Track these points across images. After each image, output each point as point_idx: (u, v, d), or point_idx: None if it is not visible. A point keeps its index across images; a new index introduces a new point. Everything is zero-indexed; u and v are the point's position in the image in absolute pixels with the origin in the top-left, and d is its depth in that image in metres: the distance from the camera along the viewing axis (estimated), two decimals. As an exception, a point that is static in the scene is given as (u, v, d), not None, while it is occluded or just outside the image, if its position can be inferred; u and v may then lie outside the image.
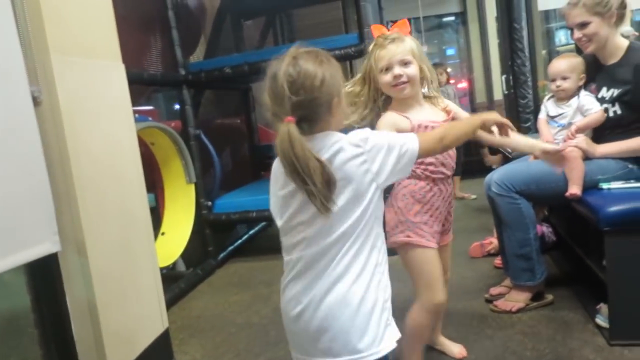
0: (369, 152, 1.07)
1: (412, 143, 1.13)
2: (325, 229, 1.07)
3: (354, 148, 1.06)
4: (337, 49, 3.04)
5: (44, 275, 1.60)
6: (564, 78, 2.09)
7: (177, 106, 3.63)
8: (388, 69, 1.51)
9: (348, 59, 3.38)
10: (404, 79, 1.50)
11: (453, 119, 1.61)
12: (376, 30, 1.58)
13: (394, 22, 1.59)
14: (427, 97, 1.62)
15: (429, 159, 1.52)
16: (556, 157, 1.42)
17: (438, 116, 1.58)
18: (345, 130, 1.12)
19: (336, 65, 1.10)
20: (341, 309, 1.07)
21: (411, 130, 1.48)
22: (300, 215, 1.10)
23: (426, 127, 1.51)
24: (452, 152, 1.58)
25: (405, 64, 1.50)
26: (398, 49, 1.50)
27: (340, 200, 1.05)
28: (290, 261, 1.16)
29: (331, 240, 1.07)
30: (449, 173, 1.58)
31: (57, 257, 1.59)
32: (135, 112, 2.08)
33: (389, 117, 1.54)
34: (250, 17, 4.60)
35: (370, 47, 1.57)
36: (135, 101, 2.08)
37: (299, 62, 1.04)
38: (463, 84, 8.03)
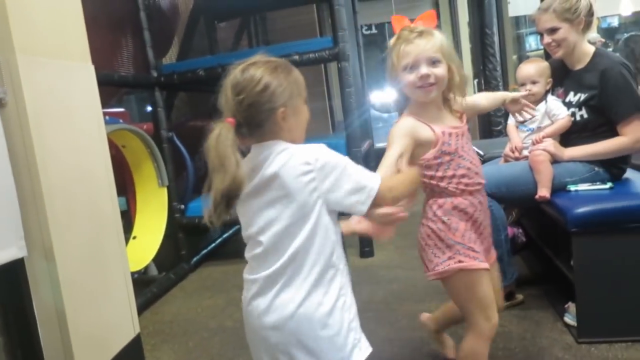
0: (319, 171, 1.04)
1: (373, 181, 1.08)
2: (273, 248, 1.06)
3: (303, 165, 1.04)
4: (311, 52, 3.04)
5: (10, 281, 1.56)
6: (533, 82, 2.13)
7: (149, 108, 3.58)
8: (413, 67, 1.30)
9: (322, 62, 3.39)
10: (431, 79, 1.29)
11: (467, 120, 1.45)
12: (397, 22, 1.36)
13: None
14: (444, 100, 1.41)
15: (461, 171, 1.34)
16: (521, 104, 1.54)
17: (456, 121, 1.41)
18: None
19: (294, 79, 1.10)
20: (306, 334, 1.05)
21: (436, 141, 1.32)
22: (250, 228, 1.10)
23: (450, 134, 1.34)
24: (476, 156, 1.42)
25: (433, 62, 1.29)
26: (427, 45, 1.29)
27: (285, 215, 1.04)
28: (247, 280, 1.13)
29: (284, 260, 1.05)
30: (484, 181, 1.41)
31: (24, 262, 1.55)
32: (105, 114, 2.05)
33: (407, 124, 1.34)
34: (224, 19, 4.57)
35: (392, 41, 1.36)
36: (105, 103, 2.05)
37: (250, 68, 1.06)
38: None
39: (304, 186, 1.03)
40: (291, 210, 1.04)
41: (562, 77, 2.16)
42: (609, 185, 1.96)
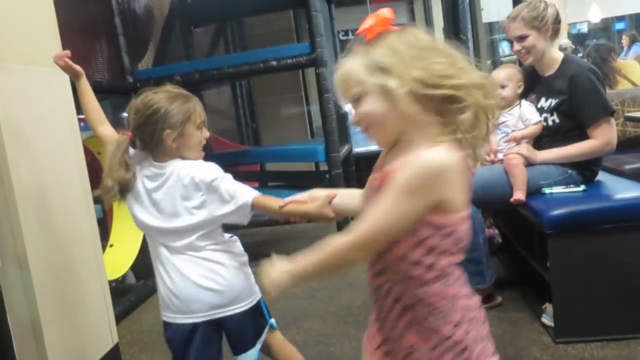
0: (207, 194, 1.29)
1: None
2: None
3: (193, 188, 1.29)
4: (289, 57, 3.04)
5: (-18, 293, 1.52)
6: (503, 86, 2.18)
7: (124, 114, 3.52)
8: None
9: (300, 67, 3.41)
10: None
11: None
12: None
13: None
14: None
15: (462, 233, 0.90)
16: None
17: None
18: None
19: (187, 108, 1.32)
20: None
21: None
22: None
23: None
24: None
25: None
26: None
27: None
28: None
29: None
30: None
31: (-4, 272, 1.51)
32: (80, 120, 2.01)
33: None
34: (200, 25, 4.54)
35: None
36: (78, 108, 2.02)
37: (150, 94, 1.32)
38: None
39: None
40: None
41: (533, 83, 2.21)
42: (582, 187, 2.01)
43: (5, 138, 1.51)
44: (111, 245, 3.07)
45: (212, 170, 1.30)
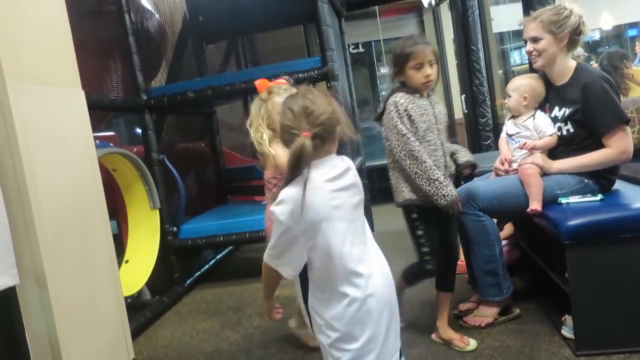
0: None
1: None
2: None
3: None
4: (300, 72, 3.06)
5: (1, 310, 1.53)
6: (508, 96, 2.21)
7: (138, 131, 3.57)
8: None
9: (312, 81, 3.42)
10: None
11: None
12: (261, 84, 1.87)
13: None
14: None
15: None
16: None
17: None
18: None
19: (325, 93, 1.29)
20: None
21: None
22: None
23: None
24: None
25: None
26: None
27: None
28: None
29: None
30: None
31: (15, 290, 1.53)
32: (95, 138, 2.04)
33: None
34: (212, 41, 4.60)
35: (264, 95, 1.86)
36: (95, 127, 2.05)
37: (306, 99, 1.25)
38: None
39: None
40: None
41: (547, 92, 2.19)
42: (599, 197, 1.98)
43: (23, 157, 1.54)
44: (127, 261, 3.09)
45: None
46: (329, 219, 1.19)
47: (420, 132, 1.88)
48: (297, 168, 1.18)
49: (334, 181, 1.23)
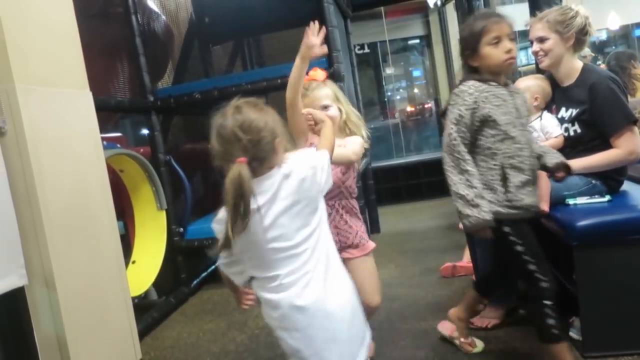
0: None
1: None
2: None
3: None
4: (306, 73, 3.06)
5: (10, 310, 1.54)
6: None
7: (144, 132, 3.59)
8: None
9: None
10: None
11: None
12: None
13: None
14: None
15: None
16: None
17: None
18: None
19: (271, 111, 1.27)
20: None
21: None
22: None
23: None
24: None
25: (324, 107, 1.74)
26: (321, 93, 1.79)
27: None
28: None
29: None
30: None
31: (24, 290, 1.54)
32: (103, 139, 2.05)
33: None
34: (218, 42, 4.61)
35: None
36: (102, 128, 2.06)
37: (239, 115, 1.19)
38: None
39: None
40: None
41: (553, 93, 2.18)
42: (607, 197, 1.97)
43: (31, 158, 1.55)
44: (134, 262, 3.11)
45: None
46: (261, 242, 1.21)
47: (502, 127, 1.61)
48: (238, 198, 1.11)
49: (266, 208, 1.19)
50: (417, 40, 8.29)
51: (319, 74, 1.84)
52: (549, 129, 2.11)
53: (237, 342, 2.42)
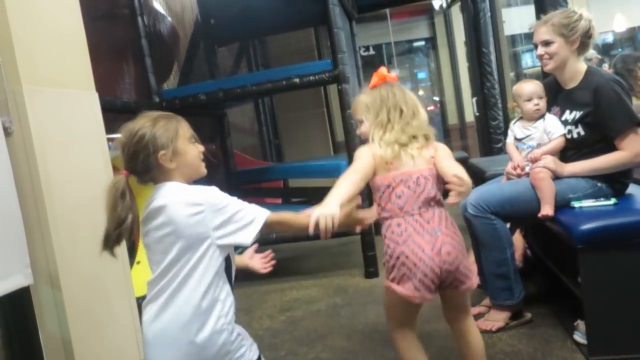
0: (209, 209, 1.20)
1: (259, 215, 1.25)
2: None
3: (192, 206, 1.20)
4: (311, 74, 3.07)
5: (15, 310, 1.55)
6: (540, 97, 2.15)
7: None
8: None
9: (322, 84, 3.43)
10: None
11: None
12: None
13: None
14: None
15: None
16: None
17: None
18: None
19: (174, 125, 1.27)
20: None
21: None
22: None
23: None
24: None
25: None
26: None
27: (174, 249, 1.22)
28: None
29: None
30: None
31: (30, 290, 1.54)
32: (108, 139, 2.06)
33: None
34: (223, 44, 4.63)
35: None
36: (108, 129, 2.07)
37: (129, 125, 1.26)
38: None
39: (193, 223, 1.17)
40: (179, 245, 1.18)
41: (556, 96, 2.18)
42: (612, 201, 1.96)
43: (38, 159, 1.56)
44: (138, 262, 3.11)
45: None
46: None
47: None
48: (114, 209, 1.19)
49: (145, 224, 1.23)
50: (423, 43, 8.29)
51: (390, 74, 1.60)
52: (551, 129, 2.10)
53: (241, 343, 2.42)
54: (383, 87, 1.54)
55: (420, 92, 8.54)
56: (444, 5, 7.01)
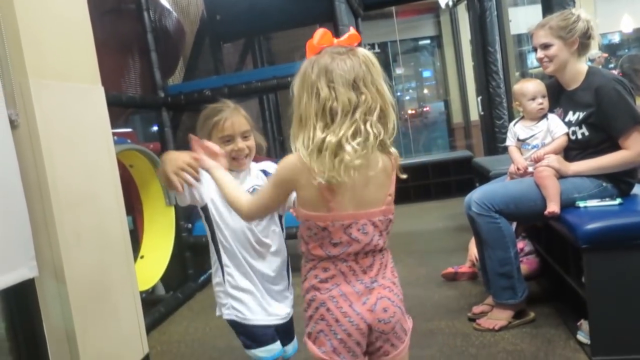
0: None
1: None
2: None
3: None
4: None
5: (20, 302, 1.56)
6: (544, 96, 2.15)
7: (155, 127, 3.60)
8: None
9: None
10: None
11: None
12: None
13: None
14: None
15: None
16: None
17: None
18: None
19: (209, 122, 1.55)
20: None
21: None
22: None
23: None
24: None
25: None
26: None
27: None
28: None
29: None
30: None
31: (34, 282, 1.55)
32: (113, 134, 2.07)
33: None
34: (229, 40, 4.62)
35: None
36: (113, 123, 2.07)
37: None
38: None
39: None
40: None
41: (559, 97, 2.17)
42: (618, 201, 1.96)
43: (44, 152, 1.56)
44: (142, 257, 3.12)
45: None
46: None
47: None
48: None
49: None
50: (428, 41, 8.27)
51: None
52: (553, 129, 2.10)
53: (244, 338, 2.43)
54: None
55: (425, 91, 8.53)
56: (450, 3, 6.99)
